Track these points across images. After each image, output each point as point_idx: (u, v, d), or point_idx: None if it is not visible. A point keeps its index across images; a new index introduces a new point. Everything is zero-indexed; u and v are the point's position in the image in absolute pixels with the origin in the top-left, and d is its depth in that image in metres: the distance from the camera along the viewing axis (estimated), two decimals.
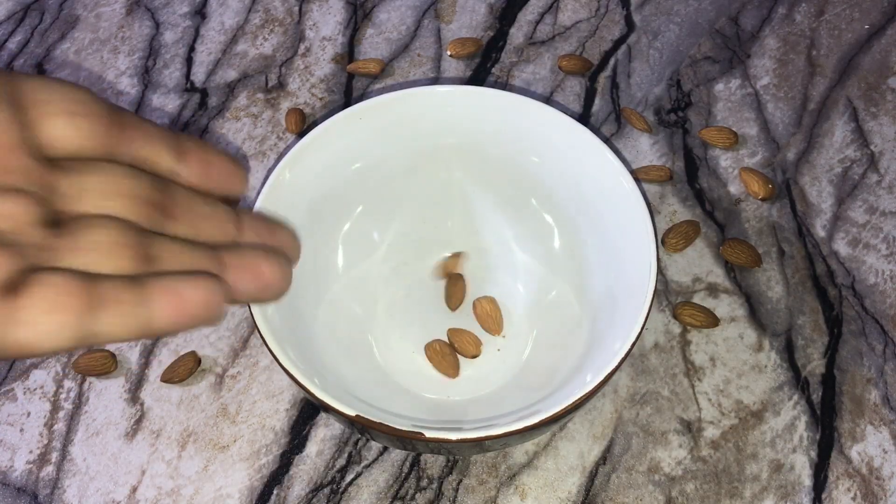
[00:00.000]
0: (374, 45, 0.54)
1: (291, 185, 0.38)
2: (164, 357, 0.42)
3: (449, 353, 0.40)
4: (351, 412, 0.31)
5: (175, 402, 0.41)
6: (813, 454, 0.40)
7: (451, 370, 0.40)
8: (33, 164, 0.22)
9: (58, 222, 0.22)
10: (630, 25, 0.55)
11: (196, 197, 0.25)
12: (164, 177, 0.25)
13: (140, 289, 0.22)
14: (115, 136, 0.24)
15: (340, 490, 0.39)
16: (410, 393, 0.40)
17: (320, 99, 0.52)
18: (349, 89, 0.52)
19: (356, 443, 0.40)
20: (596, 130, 0.48)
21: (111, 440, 0.40)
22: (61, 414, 0.41)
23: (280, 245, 0.27)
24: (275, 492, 0.39)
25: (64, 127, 0.23)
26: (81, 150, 0.24)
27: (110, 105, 0.25)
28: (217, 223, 0.25)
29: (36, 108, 0.23)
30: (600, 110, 0.51)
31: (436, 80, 0.52)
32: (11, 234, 0.21)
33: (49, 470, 0.40)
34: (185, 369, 0.41)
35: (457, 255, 0.43)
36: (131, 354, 0.43)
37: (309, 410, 0.41)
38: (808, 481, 0.39)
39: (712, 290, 0.44)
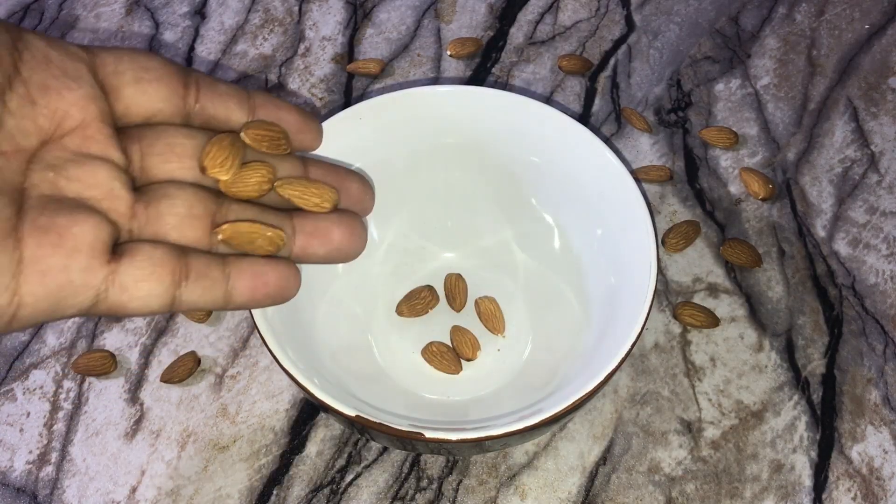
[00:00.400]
0: (374, 45, 0.54)
1: None
2: (164, 357, 0.42)
3: (447, 352, 0.40)
4: (351, 412, 0.31)
5: (175, 402, 0.41)
6: (813, 454, 0.40)
7: (453, 367, 0.40)
8: (112, 133, 0.24)
9: (136, 188, 0.24)
10: (630, 25, 0.55)
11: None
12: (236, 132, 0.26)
13: (225, 266, 0.24)
14: (185, 98, 0.25)
15: (340, 490, 0.39)
16: (410, 393, 0.40)
17: (320, 99, 0.52)
18: (349, 89, 0.52)
19: (356, 443, 0.40)
20: (596, 130, 0.48)
21: (111, 440, 0.40)
22: (61, 414, 0.41)
23: (348, 194, 0.27)
24: (275, 492, 0.39)
25: (135, 94, 0.24)
26: (155, 114, 0.25)
27: (181, 68, 0.26)
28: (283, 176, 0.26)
29: (111, 79, 0.24)
30: (600, 110, 0.51)
31: (436, 80, 0.52)
32: (101, 201, 0.23)
33: (49, 470, 0.40)
34: (185, 369, 0.41)
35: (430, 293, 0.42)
36: (131, 354, 0.43)
37: (309, 410, 0.41)
38: (808, 482, 0.39)
39: (712, 290, 0.44)
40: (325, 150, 0.39)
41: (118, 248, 0.23)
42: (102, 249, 0.22)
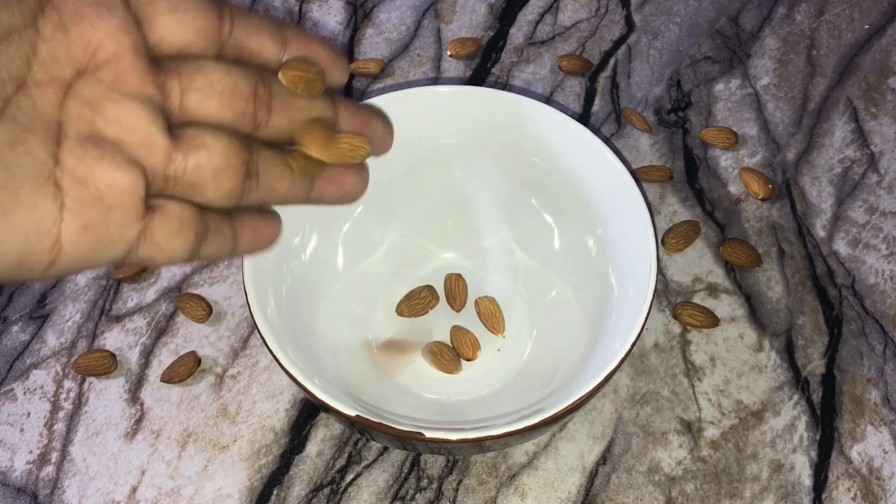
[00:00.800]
0: (374, 45, 0.54)
1: None
2: (164, 357, 0.42)
3: (447, 351, 0.40)
4: (351, 412, 0.31)
5: (175, 402, 0.41)
6: (813, 454, 0.40)
7: (453, 366, 0.40)
8: (147, 68, 0.24)
9: (171, 127, 0.24)
10: (630, 25, 0.55)
11: None
12: (268, 66, 0.26)
13: (233, 223, 0.26)
14: (219, 29, 0.25)
15: (340, 490, 0.39)
16: (410, 393, 0.40)
17: None
18: (349, 89, 0.52)
19: (356, 443, 0.40)
20: (596, 130, 0.48)
21: (111, 440, 0.40)
22: (61, 414, 0.41)
23: (374, 135, 0.29)
24: (275, 492, 0.39)
25: (170, 24, 0.24)
26: (188, 46, 0.25)
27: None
28: (314, 116, 0.27)
29: (145, 9, 0.24)
30: (600, 110, 0.51)
31: (436, 80, 0.52)
32: (139, 147, 0.23)
33: (49, 470, 0.40)
34: (185, 369, 0.41)
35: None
36: (131, 354, 0.43)
37: (309, 410, 0.41)
38: (808, 481, 0.39)
39: (712, 290, 0.44)
40: None
41: (151, 200, 0.24)
42: (139, 205, 0.23)
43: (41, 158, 0.22)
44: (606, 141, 0.47)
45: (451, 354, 0.40)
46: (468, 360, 0.41)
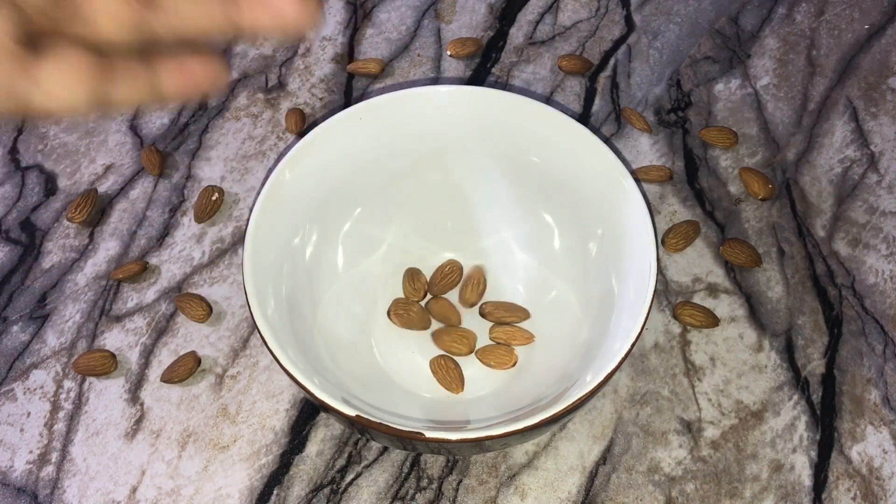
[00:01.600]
0: (374, 45, 0.54)
1: (291, 185, 0.38)
2: (164, 357, 0.42)
3: (454, 368, 0.40)
4: (351, 412, 0.31)
5: (175, 402, 0.41)
6: (813, 454, 0.40)
7: (455, 385, 0.40)
8: None
9: None
10: (630, 25, 0.55)
11: None
12: None
13: (150, 63, 0.23)
14: None
15: (340, 490, 0.39)
16: (410, 393, 0.40)
17: (320, 99, 0.52)
18: (349, 89, 0.52)
19: (356, 443, 0.40)
20: (596, 130, 0.48)
21: (111, 440, 0.40)
22: (61, 414, 0.41)
23: None
24: (275, 492, 0.39)
25: None
26: None
27: None
28: None
29: None
30: (600, 110, 0.51)
31: (436, 80, 0.52)
32: None
33: (49, 470, 0.40)
34: (185, 369, 0.41)
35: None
36: (131, 354, 0.43)
37: (309, 410, 0.41)
38: (808, 481, 0.39)
39: (712, 290, 0.44)
40: (324, 150, 0.39)
41: (34, 46, 0.21)
42: (17, 50, 0.21)
43: None
44: (606, 141, 0.47)
45: (457, 373, 0.40)
46: (465, 354, 0.41)
